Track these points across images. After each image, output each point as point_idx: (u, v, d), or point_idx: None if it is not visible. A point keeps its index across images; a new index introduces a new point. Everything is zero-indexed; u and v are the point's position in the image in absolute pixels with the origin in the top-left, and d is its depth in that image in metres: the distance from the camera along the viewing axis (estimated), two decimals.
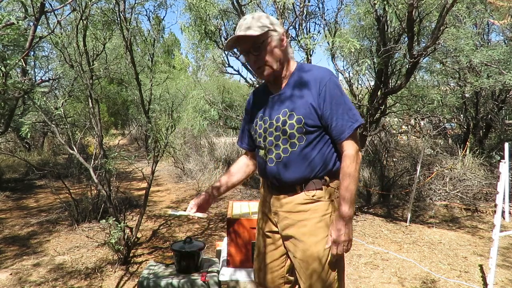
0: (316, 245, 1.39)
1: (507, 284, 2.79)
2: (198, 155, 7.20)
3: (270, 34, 1.38)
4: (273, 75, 1.43)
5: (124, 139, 12.06)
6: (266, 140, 1.46)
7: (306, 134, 1.38)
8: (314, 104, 1.37)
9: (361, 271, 3.01)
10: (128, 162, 3.38)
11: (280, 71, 1.44)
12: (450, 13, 3.16)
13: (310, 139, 1.39)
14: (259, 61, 1.40)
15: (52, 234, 3.89)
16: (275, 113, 1.44)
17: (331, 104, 1.36)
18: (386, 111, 4.45)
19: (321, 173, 1.41)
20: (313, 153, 1.40)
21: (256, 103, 1.57)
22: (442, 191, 5.06)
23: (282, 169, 1.42)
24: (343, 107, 1.37)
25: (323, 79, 1.37)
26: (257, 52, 1.39)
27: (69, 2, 1.97)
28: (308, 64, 1.51)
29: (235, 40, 1.39)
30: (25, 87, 2.51)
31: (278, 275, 1.55)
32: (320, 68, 1.43)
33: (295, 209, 1.43)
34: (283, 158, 1.42)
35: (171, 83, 11.09)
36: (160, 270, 2.46)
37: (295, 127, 1.37)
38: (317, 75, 1.39)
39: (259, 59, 1.39)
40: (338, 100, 1.37)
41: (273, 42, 1.39)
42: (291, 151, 1.40)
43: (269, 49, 1.38)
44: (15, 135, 8.26)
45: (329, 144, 1.43)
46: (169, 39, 21.68)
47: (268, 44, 1.38)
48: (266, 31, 1.36)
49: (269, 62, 1.39)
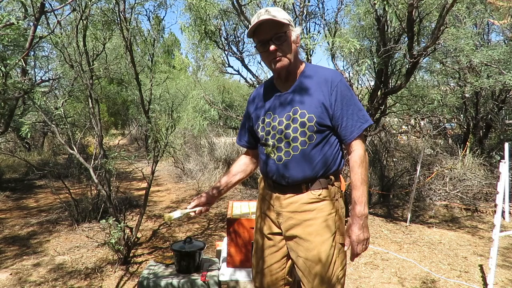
0: (322, 245, 1.39)
1: (507, 284, 2.79)
2: (198, 155, 7.20)
3: (291, 28, 1.40)
4: (287, 69, 1.43)
5: (124, 139, 12.06)
6: (275, 138, 1.44)
7: (316, 132, 1.39)
8: (325, 104, 1.38)
9: (361, 271, 3.01)
10: (128, 162, 3.39)
11: (294, 66, 1.45)
12: (450, 13, 3.16)
13: (320, 138, 1.40)
14: (278, 51, 1.38)
15: (52, 234, 3.89)
16: (285, 111, 1.43)
17: (342, 104, 1.38)
18: (386, 111, 4.45)
19: (327, 172, 1.42)
20: (321, 152, 1.40)
21: (263, 100, 1.55)
22: (442, 191, 5.06)
23: (290, 168, 1.41)
24: (353, 107, 1.39)
25: (334, 80, 1.39)
26: (279, 42, 1.37)
27: (69, 2, 1.97)
28: (315, 65, 1.52)
29: (259, 26, 1.37)
30: (25, 87, 2.51)
31: (279, 277, 1.54)
32: (329, 69, 1.46)
33: (300, 208, 1.42)
34: (292, 156, 1.41)
35: (171, 83, 11.09)
36: (160, 270, 2.46)
37: (307, 125, 1.38)
38: (328, 75, 1.41)
39: (280, 49, 1.38)
40: (349, 101, 1.39)
41: (292, 37, 1.40)
42: (301, 149, 1.40)
43: (289, 41, 1.39)
44: (15, 135, 8.26)
45: (336, 144, 1.45)
46: (169, 39, 21.70)
47: (289, 36, 1.39)
48: (289, 24, 1.38)
49: (287, 54, 1.39)
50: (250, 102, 1.64)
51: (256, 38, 1.41)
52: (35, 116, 7.42)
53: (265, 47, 1.39)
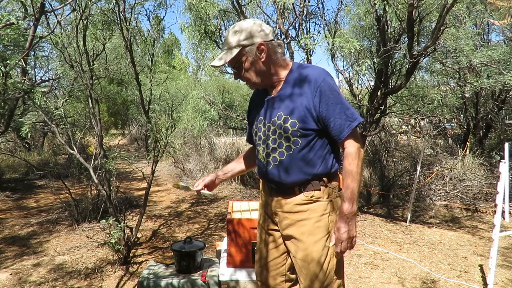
0: (314, 245, 1.40)
1: (507, 284, 2.79)
2: (198, 155, 7.19)
3: (245, 51, 1.39)
4: (259, 86, 1.48)
5: (124, 139, 12.06)
6: (265, 143, 1.47)
7: (301, 137, 1.38)
8: (308, 106, 1.36)
9: (361, 271, 3.01)
10: (128, 162, 3.39)
11: (267, 81, 1.46)
12: (450, 13, 3.16)
13: (306, 141, 1.39)
14: (241, 78, 1.45)
15: (52, 234, 3.89)
16: (272, 116, 1.44)
17: (328, 104, 1.35)
18: (386, 111, 4.45)
19: (320, 174, 1.41)
20: (310, 155, 1.40)
21: (256, 104, 1.57)
22: (442, 191, 5.06)
23: (281, 172, 1.43)
24: (340, 106, 1.36)
25: (317, 81, 1.36)
26: (237, 70, 1.44)
27: (69, 2, 1.97)
28: (304, 64, 1.49)
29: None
30: (25, 87, 2.51)
31: (279, 273, 1.56)
32: (315, 68, 1.42)
33: (294, 209, 1.43)
34: (280, 161, 1.42)
35: (171, 83, 11.07)
36: (160, 270, 2.46)
37: (290, 130, 1.37)
38: (312, 76, 1.38)
39: (240, 76, 1.45)
40: (335, 100, 1.35)
41: (250, 58, 1.39)
42: (287, 154, 1.41)
43: (246, 67, 1.41)
44: (15, 135, 8.25)
45: (327, 145, 1.43)
46: (169, 39, 21.68)
47: (245, 62, 1.41)
48: (239, 51, 1.38)
49: (249, 78, 1.44)
50: (250, 102, 1.66)
51: None
52: (35, 116, 7.41)
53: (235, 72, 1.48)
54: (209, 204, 5.14)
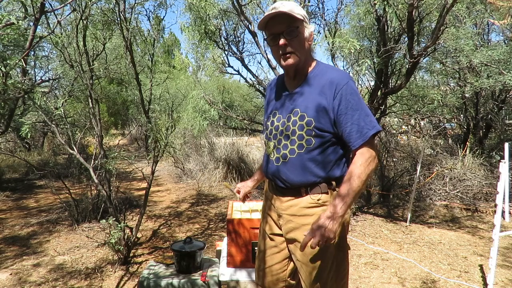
0: (319, 250, 1.37)
1: (507, 284, 2.79)
2: (198, 155, 7.20)
3: (305, 24, 1.36)
4: (296, 66, 1.38)
5: (124, 139, 12.06)
6: (277, 138, 1.43)
7: (315, 137, 1.34)
8: (327, 108, 1.32)
9: (361, 271, 3.01)
10: (128, 162, 3.39)
11: (301, 65, 1.39)
12: (450, 13, 3.16)
13: (320, 143, 1.34)
14: (289, 47, 1.33)
15: (52, 234, 3.89)
16: (287, 112, 1.40)
17: (347, 109, 1.30)
18: (386, 111, 4.45)
19: (328, 177, 1.37)
20: (322, 157, 1.35)
21: (273, 97, 1.53)
22: (442, 191, 5.06)
23: (289, 170, 1.38)
24: (360, 112, 1.30)
25: (339, 83, 1.31)
26: (290, 36, 1.32)
27: (69, 2, 1.97)
28: (326, 65, 1.44)
29: (272, 18, 1.33)
30: (25, 87, 2.51)
31: (280, 278, 1.52)
32: (339, 71, 1.38)
33: (299, 212, 1.40)
34: (290, 159, 1.38)
35: (171, 83, 11.09)
36: (160, 270, 2.46)
37: (305, 128, 1.33)
38: (335, 78, 1.33)
39: (290, 45, 1.33)
40: (354, 106, 1.30)
41: (305, 33, 1.36)
42: (298, 152, 1.36)
43: (301, 38, 1.34)
44: (15, 135, 8.25)
45: (339, 149, 1.38)
46: (169, 39, 21.68)
47: (302, 32, 1.34)
48: (303, 19, 1.34)
49: (298, 50, 1.34)
50: (267, 97, 1.60)
51: (268, 30, 1.37)
52: (35, 116, 7.41)
53: (275, 41, 1.34)
54: (209, 204, 5.14)
